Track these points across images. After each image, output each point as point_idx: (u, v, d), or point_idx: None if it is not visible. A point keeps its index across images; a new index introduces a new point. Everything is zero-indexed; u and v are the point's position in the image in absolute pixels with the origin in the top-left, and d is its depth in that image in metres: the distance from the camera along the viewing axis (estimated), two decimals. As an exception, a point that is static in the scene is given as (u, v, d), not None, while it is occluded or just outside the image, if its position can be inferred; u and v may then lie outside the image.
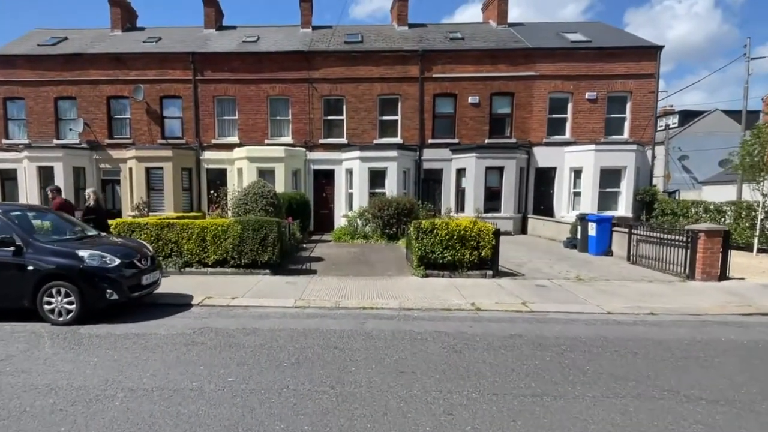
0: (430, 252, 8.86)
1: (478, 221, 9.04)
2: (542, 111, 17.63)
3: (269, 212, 10.56)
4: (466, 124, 17.73)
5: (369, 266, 10.24)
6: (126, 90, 18.21)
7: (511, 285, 8.40)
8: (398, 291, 7.85)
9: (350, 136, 17.89)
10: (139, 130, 18.45)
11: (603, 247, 12.00)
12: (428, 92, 17.67)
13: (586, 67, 17.43)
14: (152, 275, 6.62)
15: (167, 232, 9.32)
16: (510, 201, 16.99)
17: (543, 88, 17.54)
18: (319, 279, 8.88)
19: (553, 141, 17.69)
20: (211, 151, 18.30)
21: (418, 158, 17.83)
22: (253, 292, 7.72)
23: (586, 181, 17.09)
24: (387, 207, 14.65)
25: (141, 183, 17.70)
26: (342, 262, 10.87)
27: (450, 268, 8.98)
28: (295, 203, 15.35)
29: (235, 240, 9.06)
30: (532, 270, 9.93)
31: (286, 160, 17.33)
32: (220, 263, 9.27)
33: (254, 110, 18.03)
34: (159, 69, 18.13)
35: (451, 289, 8.06)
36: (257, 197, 10.58)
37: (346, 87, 17.75)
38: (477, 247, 8.88)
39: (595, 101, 17.48)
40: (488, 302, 7.10)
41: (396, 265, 10.31)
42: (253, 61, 17.89)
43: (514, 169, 16.89)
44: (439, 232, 8.82)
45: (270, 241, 9.04)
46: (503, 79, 17.54)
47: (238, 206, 10.53)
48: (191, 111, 18.14)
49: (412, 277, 8.98)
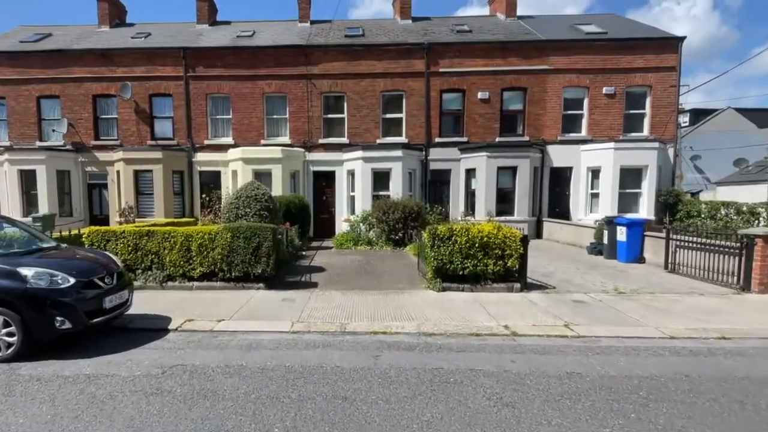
0: (448, 262, 7.71)
1: (503, 226, 7.89)
2: (556, 107, 16.52)
3: (264, 217, 9.41)
4: (475, 122, 16.62)
5: (376, 277, 9.08)
6: (113, 88, 17.08)
7: (545, 301, 7.24)
8: (414, 309, 6.69)
9: (352, 136, 16.77)
10: (127, 131, 17.31)
11: (634, 253, 10.85)
12: (434, 88, 16.56)
13: (602, 60, 16.34)
14: (119, 296, 5.46)
15: (147, 241, 8.16)
16: (524, 203, 15.86)
17: (557, 82, 16.44)
18: (320, 294, 7.72)
19: (568, 139, 16.58)
20: (204, 153, 17.15)
21: (425, 158, 16.70)
22: (243, 312, 6.56)
23: (604, 182, 15.97)
24: (392, 211, 13.51)
25: (129, 187, 16.54)
26: (345, 272, 9.72)
27: (471, 280, 7.83)
28: (293, 207, 14.23)
29: (224, 250, 7.90)
30: (562, 281, 8.78)
31: (284, 161, 16.20)
32: (207, 276, 8.11)
33: (249, 109, 16.91)
34: (148, 65, 17.01)
35: (474, 306, 6.90)
36: (250, 201, 9.42)
37: (347, 83, 16.65)
38: (502, 256, 7.72)
39: (612, 96, 16.38)
40: (524, 324, 5.95)
41: (406, 276, 9.15)
42: (248, 56, 16.79)
43: (527, 168, 15.76)
44: (458, 239, 7.67)
45: (264, 250, 7.89)
46: (515, 73, 16.44)
47: (229, 211, 9.37)
48: (182, 110, 17.01)
49: (427, 292, 7.82)
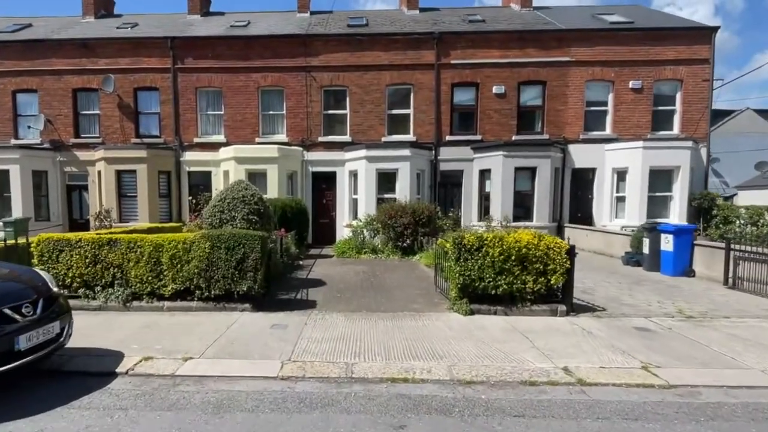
0: (478, 279, 6.25)
1: (545, 235, 6.44)
2: (578, 102, 15.12)
3: (253, 223, 7.95)
4: (490, 118, 15.21)
5: (385, 294, 7.62)
6: (95, 81, 15.68)
7: (601, 328, 5.77)
8: (439, 341, 5.22)
9: (355, 133, 15.35)
10: (109, 128, 15.88)
11: (682, 265, 9.39)
12: (445, 81, 15.17)
13: (629, 52, 14.96)
14: (45, 330, 3.98)
15: (108, 252, 6.69)
16: (544, 207, 14.41)
17: (579, 75, 15.05)
18: (319, 317, 6.25)
19: (591, 137, 15.16)
20: (193, 152, 15.73)
21: (434, 158, 15.27)
22: (220, 345, 5.08)
23: (632, 184, 14.53)
24: (401, 215, 12.08)
25: (111, 188, 15.09)
26: (348, 286, 8.26)
27: (505, 301, 6.37)
28: (289, 211, 12.80)
29: (202, 263, 6.44)
30: (610, 300, 7.31)
31: (280, 161, 14.77)
32: (181, 295, 6.64)
33: (243, 104, 15.50)
34: (133, 57, 15.62)
35: (514, 336, 5.44)
36: (237, 203, 7.96)
37: (350, 76, 15.25)
38: (544, 271, 6.27)
39: (640, 91, 14.99)
40: (589, 366, 4.48)
41: (422, 293, 7.69)
42: (241, 46, 15.41)
43: (548, 169, 14.33)
44: (490, 250, 6.21)
45: (250, 263, 6.42)
46: (533, 65, 15.05)
47: (212, 215, 7.92)
48: (170, 105, 15.60)
49: (451, 315, 6.35)
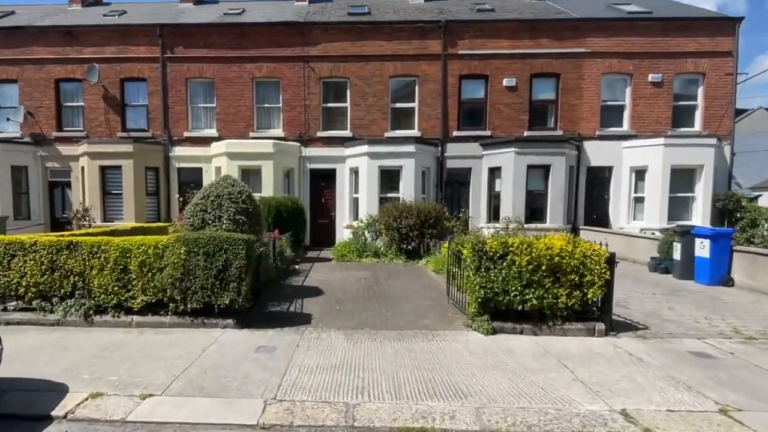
0: (501, 292, 5.29)
1: (580, 241, 5.48)
2: (594, 96, 14.17)
3: (240, 224, 6.98)
4: (500, 113, 14.25)
5: (390, 306, 6.65)
6: (79, 71, 14.69)
7: (651, 354, 4.82)
8: (460, 371, 4.26)
9: (356, 128, 14.39)
10: (94, 121, 14.90)
11: (720, 273, 8.44)
12: (453, 73, 14.20)
13: (648, 43, 14.01)
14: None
15: (67, 257, 5.72)
16: (558, 208, 13.45)
17: (595, 68, 14.09)
18: (314, 337, 5.29)
19: (608, 134, 14.20)
20: (183, 147, 14.74)
21: (440, 155, 14.30)
22: (189, 377, 4.11)
23: (652, 184, 13.58)
24: (406, 216, 11.12)
25: (94, 185, 14.09)
26: (349, 296, 7.30)
27: (532, 318, 5.41)
28: (285, 211, 11.84)
29: (177, 271, 5.48)
30: (648, 315, 6.35)
31: (276, 156, 13.80)
32: (153, 308, 5.67)
33: (236, 96, 14.53)
34: (120, 45, 14.63)
35: (549, 362, 4.48)
36: (222, 201, 6.98)
37: (351, 67, 14.29)
38: (579, 283, 5.31)
39: (659, 85, 14.04)
40: (651, 408, 3.52)
41: (432, 304, 6.73)
42: (235, 35, 14.43)
43: (563, 167, 13.37)
44: (516, 258, 5.25)
45: (233, 272, 5.46)
46: (546, 56, 14.10)
47: (194, 215, 6.94)
48: (158, 97, 14.62)
49: (470, 334, 5.39)
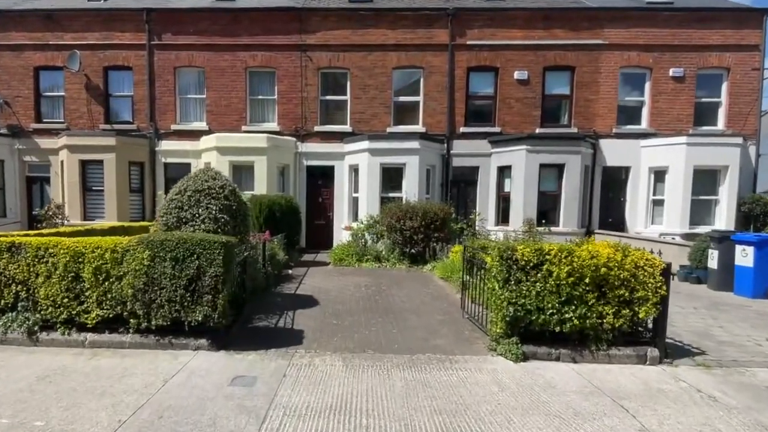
0: (535, 310, 4.34)
1: (630, 248, 4.52)
2: (611, 92, 13.26)
3: (223, 223, 6.00)
4: (510, 108, 13.32)
5: (397, 321, 5.68)
6: (60, 58, 13.70)
7: (724, 390, 3.86)
8: (491, 417, 3.28)
9: (356, 122, 13.43)
10: (75, 112, 13.89)
11: (765, 284, 7.50)
12: (460, 65, 13.28)
13: (669, 35, 13.12)
14: None
15: (8, 262, 4.73)
16: (572, 210, 12.52)
17: (612, 61, 13.19)
18: (305, 363, 4.31)
19: (625, 132, 13.29)
20: (170, 140, 13.75)
21: (446, 152, 13.36)
22: (136, 426, 3.12)
23: (673, 186, 12.67)
24: (410, 217, 10.17)
25: (74, 181, 13.08)
26: (348, 307, 6.33)
27: (570, 340, 4.46)
28: (278, 210, 10.89)
29: (139, 279, 4.50)
30: (699, 335, 5.40)
31: (270, 152, 12.83)
32: (111, 324, 4.69)
33: (228, 86, 13.55)
34: (103, 31, 13.64)
35: (602, 402, 3.52)
36: (201, 197, 6.00)
37: (352, 57, 13.34)
38: (629, 300, 4.37)
39: (681, 80, 13.15)
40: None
41: (445, 319, 5.76)
42: (227, 21, 13.46)
43: (578, 167, 12.45)
44: (554, 269, 4.29)
45: (208, 282, 4.48)
46: (560, 48, 13.18)
47: (168, 213, 5.96)
48: (144, 87, 13.63)
49: (495, 360, 4.43)
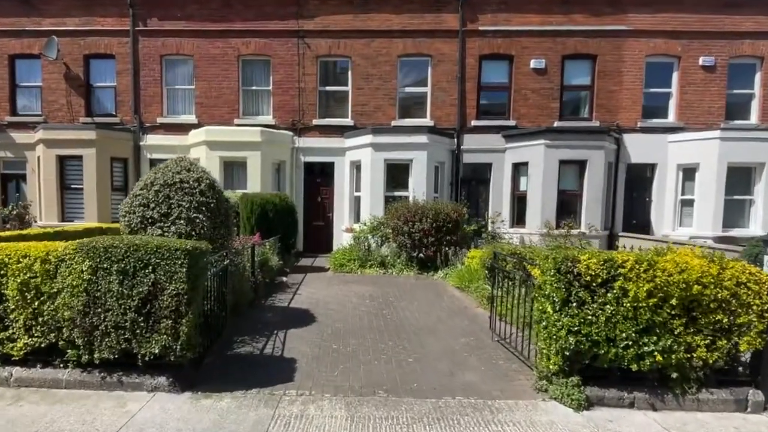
0: (603, 340, 3.24)
1: (726, 259, 3.43)
2: (636, 82, 12.19)
3: (198, 224, 4.89)
4: (526, 100, 12.25)
5: (413, 346, 4.58)
6: (36, 46, 12.62)
7: None
8: None
9: (358, 115, 12.37)
10: (53, 104, 12.82)
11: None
12: (472, 53, 12.21)
13: (699, 21, 12.07)
14: None
15: None
16: (594, 211, 11.44)
17: (637, 48, 12.13)
18: (295, 414, 3.20)
19: (651, 126, 12.23)
20: (156, 135, 12.67)
21: (456, 148, 12.29)
22: None
23: (704, 184, 11.58)
24: (420, 218, 9.09)
25: (51, 178, 12.01)
26: (351, 326, 5.24)
27: (646, 380, 3.36)
28: (272, 210, 9.84)
29: (77, 299, 3.40)
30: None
31: (264, 147, 11.77)
32: (44, 357, 3.59)
33: (219, 76, 12.48)
34: (84, 16, 12.56)
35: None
36: (172, 192, 4.88)
37: (353, 44, 12.29)
38: (727, 327, 3.28)
39: (711, 69, 12.09)
40: None
41: (470, 343, 4.65)
42: (218, 4, 12.38)
43: (601, 164, 11.38)
44: (631, 287, 3.20)
45: (167, 302, 3.37)
46: (580, 34, 12.12)
47: (130, 212, 4.85)
48: (128, 76, 12.56)
49: (549, 405, 3.32)
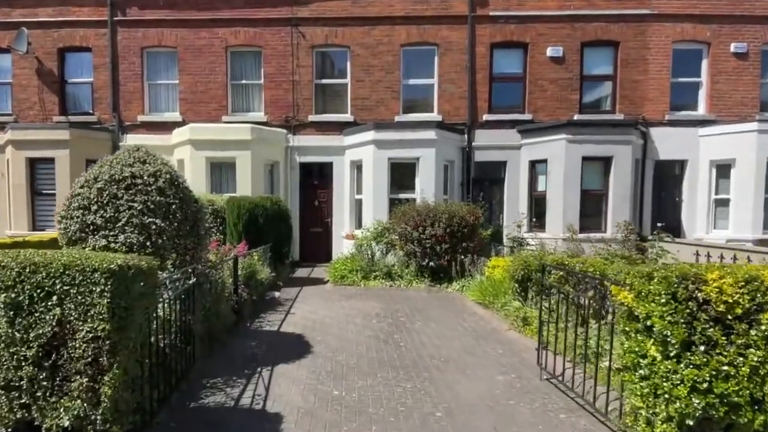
0: (746, 401, 2.11)
1: None
2: (663, 71, 11.13)
3: (154, 232, 3.76)
4: (543, 91, 11.17)
5: (436, 389, 3.41)
6: (6, 39, 11.55)
7: None
8: None
9: (358, 110, 11.27)
10: (25, 102, 11.72)
11: None
12: (482, 40, 11.15)
13: (730, 4, 11.05)
14: None
15: None
16: (622, 213, 10.28)
17: (663, 34, 11.09)
18: None
19: (679, 119, 11.15)
20: (137, 134, 11.52)
21: (467, 144, 11.21)
22: None
23: (741, 182, 10.49)
24: (431, 222, 7.97)
25: (20, 183, 10.87)
26: (354, 360, 4.08)
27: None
28: (262, 215, 8.68)
29: (-55, 345, 2.27)
30: None
31: (255, 146, 10.65)
32: None
33: (206, 69, 11.39)
34: (58, 6, 11.52)
35: None
36: (120, 191, 3.70)
37: (352, 32, 11.22)
38: None
39: (744, 56, 11.05)
40: None
41: (513, 383, 3.48)
42: (205, -8, 11.40)
43: (628, 160, 10.28)
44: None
45: (81, 350, 2.22)
46: (601, 19, 11.08)
47: (68, 216, 3.70)
48: (107, 71, 11.47)
49: None
